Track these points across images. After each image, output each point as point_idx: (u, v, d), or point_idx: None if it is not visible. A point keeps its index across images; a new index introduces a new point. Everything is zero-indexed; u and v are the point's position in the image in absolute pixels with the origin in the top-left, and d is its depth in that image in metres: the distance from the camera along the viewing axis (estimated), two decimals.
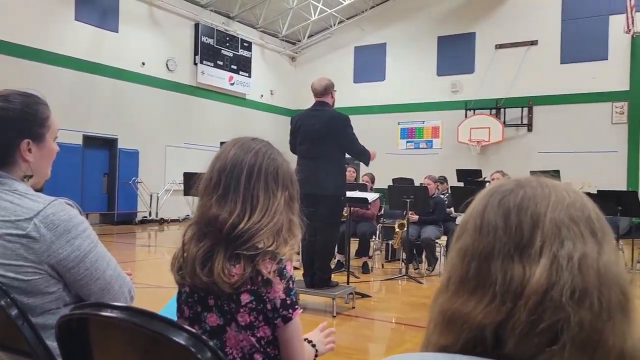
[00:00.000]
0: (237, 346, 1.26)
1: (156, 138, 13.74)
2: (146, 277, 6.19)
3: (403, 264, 6.94)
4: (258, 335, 1.27)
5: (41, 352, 1.23)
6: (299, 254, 5.38)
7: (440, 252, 7.24)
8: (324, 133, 4.83)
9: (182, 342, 0.89)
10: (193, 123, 14.75)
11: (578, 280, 0.65)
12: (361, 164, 5.62)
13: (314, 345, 1.47)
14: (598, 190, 6.57)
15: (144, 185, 13.48)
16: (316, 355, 1.46)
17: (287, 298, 1.26)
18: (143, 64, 13.47)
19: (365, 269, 7.05)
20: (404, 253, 7.03)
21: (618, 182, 12.59)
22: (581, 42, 13.83)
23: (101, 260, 1.36)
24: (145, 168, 13.47)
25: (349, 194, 5.36)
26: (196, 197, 1.37)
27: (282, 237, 1.28)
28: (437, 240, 7.09)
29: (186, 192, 7.05)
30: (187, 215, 14.31)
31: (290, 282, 1.27)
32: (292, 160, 5.17)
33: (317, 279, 4.87)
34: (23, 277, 1.26)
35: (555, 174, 9.39)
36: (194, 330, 0.91)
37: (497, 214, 0.72)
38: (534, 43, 14.54)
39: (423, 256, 7.48)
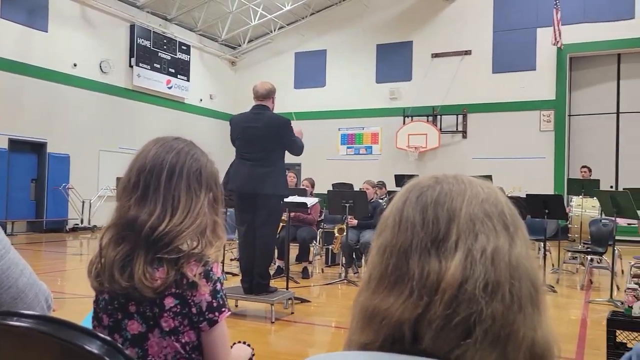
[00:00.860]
0: (161, 353, 1.20)
1: (89, 142, 13.23)
2: (76, 287, 5.93)
3: (343, 268, 6.98)
4: (183, 340, 1.22)
5: None
6: (238, 259, 5.31)
7: None
8: (265, 135, 4.81)
9: (95, 350, 0.84)
10: (129, 127, 14.30)
11: (491, 273, 0.66)
12: (302, 169, 5.62)
13: (249, 345, 1.44)
14: (527, 194, 6.86)
15: (75, 191, 12.93)
16: (253, 355, 1.43)
17: (214, 301, 1.22)
18: (75, 65, 12.96)
19: (305, 274, 7.05)
20: (343, 257, 7.07)
21: (545, 186, 13.22)
22: (511, 53, 14.47)
23: (14, 268, 1.27)
24: (76, 173, 12.93)
25: (288, 198, 5.34)
26: None
27: (206, 239, 1.24)
28: None
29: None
30: None
31: (218, 284, 1.24)
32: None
33: (256, 284, 4.82)
34: None
35: (488, 179, 9.75)
36: (108, 338, 0.86)
37: (415, 209, 0.72)
38: (467, 53, 15.07)
39: (362, 260, 7.56)
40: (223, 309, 1.24)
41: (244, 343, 1.45)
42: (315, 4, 16.60)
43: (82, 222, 13.18)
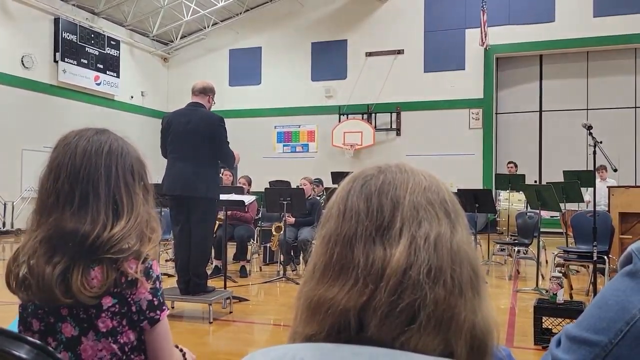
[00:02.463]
0: (95, 357, 1.15)
1: (10, 141, 12.49)
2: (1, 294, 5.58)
3: (281, 266, 6.96)
4: (121, 341, 1.17)
5: None
6: (173, 260, 5.17)
7: None
8: (196, 132, 4.65)
9: (24, 355, 0.79)
10: (54, 125, 13.58)
11: (434, 259, 0.67)
12: (238, 167, 5.53)
13: (182, 352, 1.39)
14: (458, 189, 7.10)
15: None
16: None
17: (154, 299, 1.18)
18: None
19: (244, 273, 6.98)
20: (281, 255, 7.06)
21: (475, 182, 13.76)
22: (441, 52, 14.93)
23: None
24: None
25: (225, 196, 5.25)
26: None
27: (145, 235, 1.19)
28: (313, 241, 7.20)
29: None
30: None
31: (157, 282, 1.19)
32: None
33: (193, 285, 4.70)
34: None
35: None
36: (37, 342, 0.81)
37: (359, 198, 0.73)
38: (400, 52, 15.41)
39: (300, 257, 7.57)
40: (164, 307, 1.20)
41: (177, 347, 1.39)
42: (250, 1, 16.44)
43: (4, 225, 12.44)
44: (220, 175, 7.47)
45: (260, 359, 0.70)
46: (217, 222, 5.70)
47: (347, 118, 15.63)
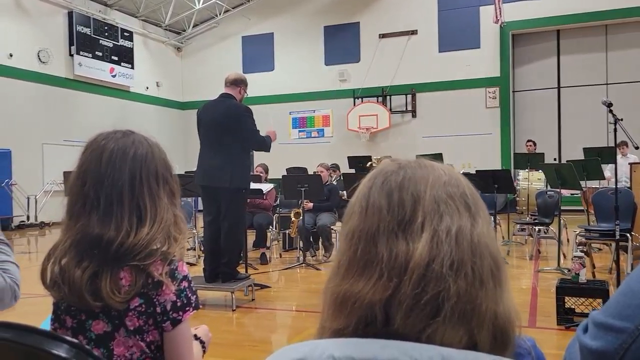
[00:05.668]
0: (127, 352, 1.19)
1: (31, 136, 12.68)
2: (29, 287, 5.71)
3: (300, 252, 7.01)
4: (148, 340, 1.20)
5: None
6: (192, 249, 5.25)
7: (336, 238, 7.40)
8: (222, 123, 4.72)
9: (63, 354, 0.83)
10: (73, 119, 13.79)
11: (455, 251, 0.69)
12: (254, 155, 5.56)
13: (201, 341, 1.42)
14: (477, 170, 7.06)
15: (19, 187, 12.41)
16: (204, 351, 1.42)
17: (178, 300, 1.21)
18: (10, 55, 12.34)
19: (264, 260, 7.05)
20: (300, 241, 7.10)
21: (493, 162, 13.64)
22: (456, 31, 14.72)
23: None
24: (20, 169, 12.39)
25: None
26: None
27: (171, 236, 1.21)
28: (332, 227, 7.24)
29: (67, 193, 6.58)
30: None
31: (183, 283, 1.22)
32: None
33: (223, 273, 4.79)
34: None
35: (438, 157, 9.96)
36: (75, 341, 0.85)
37: (380, 194, 0.74)
38: (414, 33, 15.24)
39: (320, 243, 7.61)
40: (187, 308, 1.22)
41: (197, 338, 1.41)
42: None
43: (28, 219, 12.69)
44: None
45: (290, 354, 0.72)
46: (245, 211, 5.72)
47: (362, 101, 15.56)
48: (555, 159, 13.57)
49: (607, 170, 8.78)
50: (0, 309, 1.35)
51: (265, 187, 5.56)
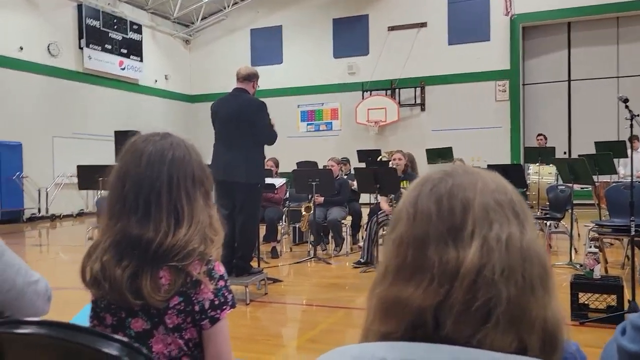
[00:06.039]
0: (166, 350, 1.21)
1: (41, 129, 12.76)
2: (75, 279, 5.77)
3: (311, 246, 7.04)
4: (186, 337, 1.23)
5: None
6: None
7: (347, 232, 7.43)
8: (237, 118, 4.75)
9: (115, 352, 0.85)
10: (82, 112, 13.85)
11: (506, 259, 0.70)
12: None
13: None
14: (488, 165, 7.04)
15: (30, 180, 12.50)
16: None
17: (216, 299, 1.23)
18: (21, 48, 12.40)
19: (275, 254, 7.08)
20: (311, 235, 7.13)
21: (502, 155, 13.60)
22: (466, 24, 14.63)
23: (9, 270, 1.26)
24: (30, 162, 12.48)
25: None
26: (92, 191, 1.28)
27: (208, 238, 1.24)
28: (342, 221, 7.27)
29: (81, 187, 6.64)
30: (82, 210, 13.52)
31: (220, 282, 1.25)
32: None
33: (237, 266, 4.83)
34: None
35: (448, 151, 9.94)
36: (126, 340, 0.87)
37: (429, 201, 0.75)
38: (423, 25, 15.17)
39: (330, 237, 7.64)
40: (224, 307, 1.25)
41: None
42: None
43: (39, 211, 12.80)
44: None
45: (341, 357, 0.73)
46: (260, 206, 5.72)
47: (371, 94, 15.52)
48: (565, 153, 13.51)
49: (621, 166, 8.75)
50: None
51: (278, 181, 5.58)
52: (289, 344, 3.94)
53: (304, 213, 7.18)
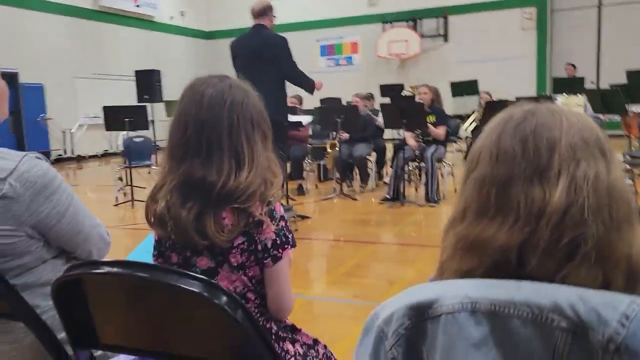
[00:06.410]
0: (231, 286, 1.26)
1: (61, 70, 12.74)
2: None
3: (336, 183, 7.09)
4: (249, 274, 1.28)
5: (24, 312, 1.19)
6: None
7: (372, 168, 7.44)
8: (260, 56, 4.69)
9: (196, 289, 0.89)
10: (100, 51, 13.76)
11: (593, 197, 0.70)
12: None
13: None
14: (516, 97, 6.90)
15: (54, 122, 12.63)
16: None
17: (277, 238, 1.26)
18: None
19: (301, 191, 7.16)
20: (336, 172, 7.16)
21: (528, 86, 13.27)
22: None
23: (80, 212, 1.31)
24: (53, 103, 12.57)
25: None
26: (120, 132, 1.29)
27: (268, 180, 1.26)
28: (368, 157, 7.27)
29: (108, 128, 6.70)
30: (106, 150, 13.70)
31: (282, 222, 1.28)
32: None
33: None
34: (1, 240, 1.18)
35: (474, 84, 9.74)
36: (205, 278, 0.90)
37: (513, 141, 0.75)
38: None
39: (354, 174, 7.67)
40: (286, 246, 1.29)
41: None
42: None
43: (65, 152, 13.01)
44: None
45: (424, 293, 0.75)
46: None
47: (392, 26, 15.07)
48: (592, 83, 13.13)
49: None
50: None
51: (305, 119, 5.56)
52: (324, 278, 4.05)
53: (329, 150, 7.18)
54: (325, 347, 1.46)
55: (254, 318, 0.89)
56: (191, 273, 0.91)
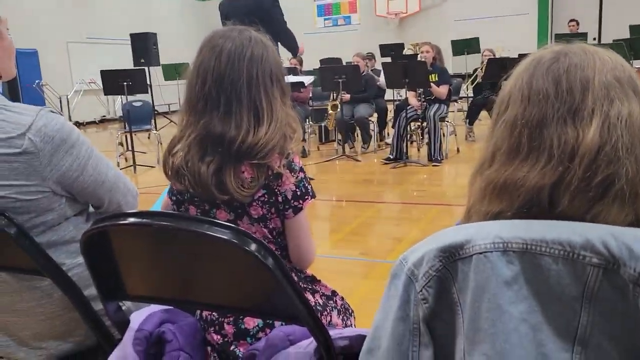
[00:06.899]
0: None
1: (53, 34, 12.53)
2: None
3: (338, 144, 7.07)
4: (270, 226, 1.29)
5: (51, 269, 1.20)
6: None
7: (374, 129, 7.41)
8: (250, 15, 4.58)
9: (226, 237, 0.89)
10: (92, 15, 13.49)
11: (626, 136, 0.70)
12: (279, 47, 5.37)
13: None
14: (519, 54, 6.80)
15: (50, 87, 12.48)
16: None
17: (297, 190, 1.27)
18: None
19: (303, 153, 7.14)
20: (338, 133, 7.13)
21: (529, 43, 13.06)
22: None
23: (101, 162, 1.31)
24: (48, 69, 12.39)
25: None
26: (119, 96, 1.27)
27: (287, 135, 1.25)
28: (370, 118, 7.23)
29: (107, 92, 6.63)
30: (104, 116, 13.60)
31: (301, 174, 1.28)
32: None
33: None
34: (25, 197, 1.19)
35: (475, 41, 9.61)
36: (235, 226, 0.91)
37: (546, 81, 0.74)
38: None
39: (356, 135, 7.65)
40: (306, 197, 1.29)
41: None
42: None
43: None
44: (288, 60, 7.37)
45: (455, 236, 0.75)
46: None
47: None
48: (594, 39, 12.95)
49: None
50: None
51: (307, 79, 5.50)
52: (330, 237, 4.09)
53: (330, 111, 7.13)
54: (342, 298, 1.49)
55: (284, 265, 0.90)
56: (219, 221, 0.91)
